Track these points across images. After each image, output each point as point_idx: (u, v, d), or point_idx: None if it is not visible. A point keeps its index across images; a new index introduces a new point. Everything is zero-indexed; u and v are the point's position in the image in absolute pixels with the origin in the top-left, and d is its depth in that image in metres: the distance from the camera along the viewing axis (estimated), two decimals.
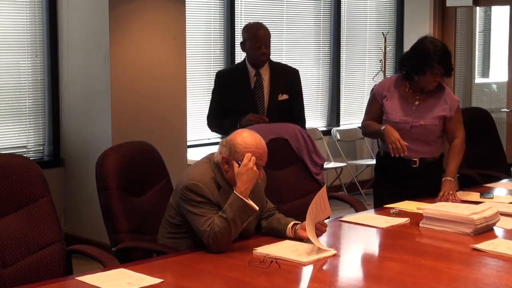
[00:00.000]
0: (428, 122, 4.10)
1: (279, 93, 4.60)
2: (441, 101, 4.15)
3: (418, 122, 4.09)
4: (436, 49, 3.98)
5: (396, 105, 4.15)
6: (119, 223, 3.27)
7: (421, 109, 4.12)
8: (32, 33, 5.45)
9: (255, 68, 4.58)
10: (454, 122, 4.16)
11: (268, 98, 4.58)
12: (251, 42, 4.54)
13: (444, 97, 4.16)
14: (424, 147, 4.14)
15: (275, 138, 4.17)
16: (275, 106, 4.59)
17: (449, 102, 4.15)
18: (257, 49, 4.52)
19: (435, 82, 4.05)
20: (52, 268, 3.02)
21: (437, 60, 3.96)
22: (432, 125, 4.10)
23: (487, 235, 3.26)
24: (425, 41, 4.07)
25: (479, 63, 8.31)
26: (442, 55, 3.99)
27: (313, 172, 4.30)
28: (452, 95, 4.23)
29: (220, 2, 6.49)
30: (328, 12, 7.51)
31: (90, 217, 5.38)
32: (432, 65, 3.96)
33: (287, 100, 4.62)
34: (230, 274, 2.74)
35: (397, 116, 4.12)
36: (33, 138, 5.54)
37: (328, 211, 3.06)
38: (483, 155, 5.27)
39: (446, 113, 4.13)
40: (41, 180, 3.10)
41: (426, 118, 4.11)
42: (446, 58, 4.01)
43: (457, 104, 4.18)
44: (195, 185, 3.01)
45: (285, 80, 4.66)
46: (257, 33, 4.56)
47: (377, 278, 2.77)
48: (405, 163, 4.10)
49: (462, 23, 7.84)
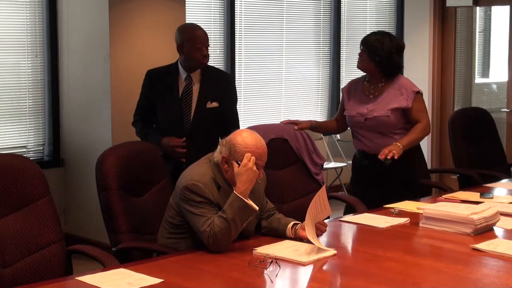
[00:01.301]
0: (381, 114, 4.26)
1: (208, 100, 4.27)
2: (397, 93, 4.31)
3: (372, 114, 4.28)
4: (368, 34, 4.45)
5: (355, 100, 4.39)
6: (119, 223, 3.27)
7: (377, 102, 4.31)
8: (32, 33, 5.45)
9: (188, 71, 4.28)
10: (415, 111, 4.29)
11: (196, 105, 4.26)
12: (191, 44, 4.21)
13: (400, 88, 4.31)
14: (383, 140, 4.26)
15: (275, 138, 4.18)
16: (203, 114, 4.26)
17: (405, 93, 4.30)
18: (198, 50, 4.21)
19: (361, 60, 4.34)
20: (52, 268, 3.02)
21: (361, 41, 4.37)
22: (384, 116, 4.26)
23: (487, 235, 3.26)
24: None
25: (479, 63, 8.30)
26: (366, 37, 4.40)
27: (313, 172, 4.30)
28: (409, 86, 4.35)
29: (220, 2, 6.49)
30: (328, 12, 7.51)
31: (90, 217, 5.38)
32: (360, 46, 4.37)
33: (216, 108, 4.28)
34: (230, 274, 2.74)
35: (354, 110, 4.36)
36: (33, 138, 5.54)
37: (327, 211, 3.06)
38: (483, 155, 5.27)
39: (402, 104, 4.27)
40: (41, 180, 3.10)
41: (380, 110, 4.27)
42: (368, 34, 4.40)
43: (414, 95, 4.30)
44: (195, 185, 3.01)
45: (216, 87, 4.33)
46: (197, 34, 4.26)
47: (377, 278, 2.77)
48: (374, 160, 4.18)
49: (462, 23, 7.83)
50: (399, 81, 4.36)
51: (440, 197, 4.05)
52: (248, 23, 6.72)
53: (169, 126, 4.30)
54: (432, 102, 7.71)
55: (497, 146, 5.49)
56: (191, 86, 4.29)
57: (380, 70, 4.33)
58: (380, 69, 4.33)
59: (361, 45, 4.38)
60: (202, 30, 4.32)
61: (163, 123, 4.33)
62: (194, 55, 4.23)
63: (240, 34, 6.63)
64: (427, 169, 4.84)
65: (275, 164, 4.10)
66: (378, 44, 4.30)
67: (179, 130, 4.26)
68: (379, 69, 4.33)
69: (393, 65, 4.34)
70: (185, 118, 4.28)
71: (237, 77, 6.59)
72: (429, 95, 7.71)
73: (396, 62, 4.35)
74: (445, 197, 4.03)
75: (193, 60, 4.25)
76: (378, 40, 4.32)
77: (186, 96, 4.29)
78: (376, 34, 4.38)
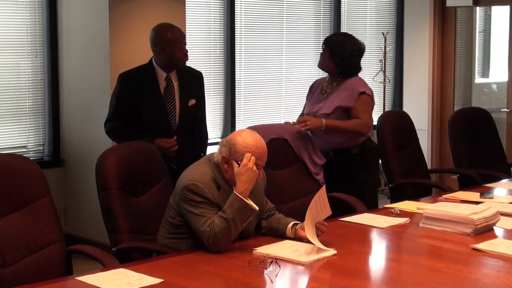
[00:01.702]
0: (324, 112, 4.39)
1: (189, 98, 4.32)
2: (345, 92, 4.41)
3: (318, 112, 4.42)
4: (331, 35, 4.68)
5: (313, 98, 4.53)
6: (119, 223, 3.27)
7: (327, 100, 4.44)
8: (32, 33, 5.45)
9: (167, 71, 4.28)
10: (355, 111, 4.38)
11: (180, 104, 4.29)
12: (171, 43, 4.21)
13: (348, 88, 4.42)
14: (334, 137, 4.40)
15: (275, 138, 4.18)
16: (186, 112, 4.30)
17: (350, 92, 4.40)
18: (180, 49, 4.22)
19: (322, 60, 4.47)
20: (52, 268, 3.02)
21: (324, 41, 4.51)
22: (325, 114, 4.37)
23: (487, 235, 3.26)
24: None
25: (479, 63, 8.30)
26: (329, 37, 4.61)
27: (313, 172, 4.31)
28: (356, 86, 4.44)
29: (220, 2, 6.48)
30: (328, 12, 7.50)
31: (90, 217, 5.37)
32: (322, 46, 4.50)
33: (195, 105, 4.36)
34: (230, 274, 2.74)
35: (308, 109, 4.52)
36: (33, 138, 5.54)
37: (327, 211, 3.06)
38: (483, 155, 5.27)
39: (343, 103, 4.38)
40: (41, 180, 3.10)
41: (325, 109, 4.41)
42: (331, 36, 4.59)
43: (357, 95, 4.39)
44: (195, 185, 3.01)
45: (193, 84, 4.40)
46: (177, 34, 4.27)
47: (377, 278, 2.77)
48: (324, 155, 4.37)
49: (462, 23, 7.83)
50: (350, 81, 4.46)
51: (440, 197, 4.05)
52: (248, 23, 6.72)
53: (156, 126, 4.27)
54: (432, 102, 7.71)
55: (497, 146, 5.49)
56: (171, 85, 4.30)
57: (339, 71, 4.46)
58: (340, 70, 4.45)
59: (324, 45, 4.48)
60: (179, 29, 4.35)
61: (148, 123, 4.27)
62: (176, 54, 4.24)
63: (240, 34, 6.63)
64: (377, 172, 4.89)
65: (275, 164, 4.10)
66: (340, 45, 4.43)
67: (167, 129, 4.27)
68: (339, 70, 4.45)
69: (352, 67, 4.48)
70: (171, 117, 4.28)
71: (237, 77, 6.58)
72: (429, 95, 7.71)
73: (355, 65, 4.49)
74: (445, 197, 4.03)
75: (174, 60, 4.26)
76: (341, 42, 4.46)
77: (168, 95, 4.30)
78: (339, 36, 4.57)
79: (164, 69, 4.29)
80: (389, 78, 7.91)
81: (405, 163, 4.85)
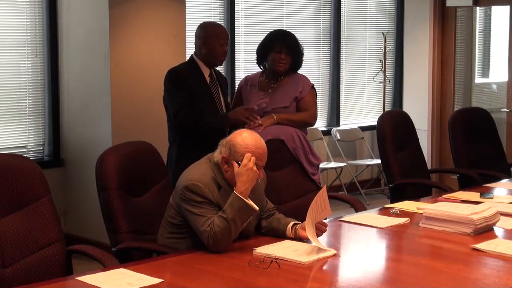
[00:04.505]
0: (279, 105, 4.44)
1: (226, 96, 4.59)
2: (294, 85, 4.50)
3: (270, 107, 4.46)
4: (275, 32, 4.60)
5: (254, 95, 4.54)
6: (119, 223, 3.27)
7: (274, 95, 4.49)
8: (32, 33, 5.45)
9: (209, 68, 4.44)
10: (304, 103, 4.49)
11: (223, 99, 4.50)
12: (214, 40, 4.37)
13: (297, 82, 4.52)
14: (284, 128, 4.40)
15: (271, 139, 4.18)
16: (228, 107, 4.54)
17: (301, 85, 4.51)
18: (221, 46, 4.39)
19: (281, 61, 4.47)
20: (52, 268, 3.02)
21: (277, 39, 4.48)
22: (282, 107, 4.45)
23: (487, 235, 3.26)
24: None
25: (479, 63, 8.30)
26: (281, 34, 4.57)
27: (310, 173, 4.31)
28: (306, 80, 4.59)
29: (220, 2, 6.49)
30: (328, 12, 7.51)
31: (90, 217, 5.38)
32: (274, 44, 4.46)
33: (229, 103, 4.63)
34: (230, 274, 2.74)
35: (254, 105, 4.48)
36: (33, 138, 5.54)
37: (328, 211, 3.06)
38: (483, 155, 5.27)
39: (297, 94, 4.48)
40: (41, 180, 3.10)
41: (279, 102, 4.46)
42: (287, 37, 4.53)
43: (309, 89, 4.53)
44: (195, 185, 3.01)
45: (225, 85, 4.63)
46: (221, 31, 4.45)
47: (377, 278, 2.77)
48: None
49: (462, 23, 7.83)
50: (297, 74, 4.57)
51: (440, 197, 4.05)
52: (248, 23, 6.72)
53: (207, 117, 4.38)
54: (432, 102, 7.72)
55: (497, 146, 5.48)
56: (216, 81, 4.47)
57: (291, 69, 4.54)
58: (292, 67, 4.54)
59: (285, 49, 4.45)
60: (224, 28, 4.56)
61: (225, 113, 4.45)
62: (217, 49, 4.38)
63: (240, 34, 6.64)
64: None
65: (272, 165, 4.09)
66: (298, 45, 4.53)
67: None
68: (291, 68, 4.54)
69: (301, 64, 4.59)
70: (220, 110, 4.45)
71: (237, 77, 6.58)
72: (429, 95, 7.71)
73: (302, 61, 4.60)
74: (445, 197, 4.03)
75: (214, 54, 4.39)
76: (297, 42, 4.54)
77: (214, 90, 4.45)
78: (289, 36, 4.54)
79: (207, 65, 4.43)
80: (389, 78, 7.92)
81: (405, 163, 4.85)
